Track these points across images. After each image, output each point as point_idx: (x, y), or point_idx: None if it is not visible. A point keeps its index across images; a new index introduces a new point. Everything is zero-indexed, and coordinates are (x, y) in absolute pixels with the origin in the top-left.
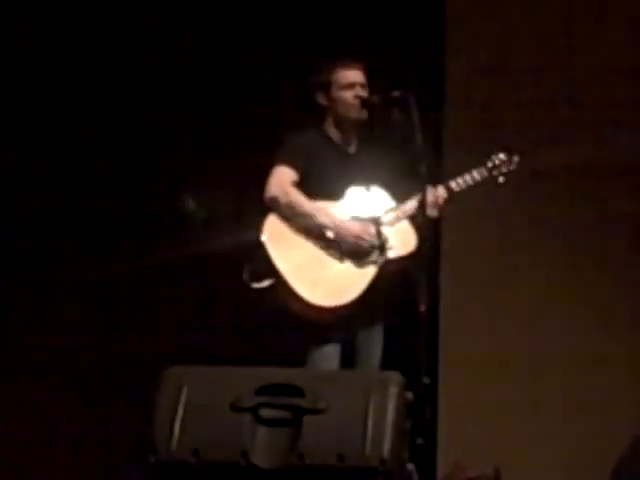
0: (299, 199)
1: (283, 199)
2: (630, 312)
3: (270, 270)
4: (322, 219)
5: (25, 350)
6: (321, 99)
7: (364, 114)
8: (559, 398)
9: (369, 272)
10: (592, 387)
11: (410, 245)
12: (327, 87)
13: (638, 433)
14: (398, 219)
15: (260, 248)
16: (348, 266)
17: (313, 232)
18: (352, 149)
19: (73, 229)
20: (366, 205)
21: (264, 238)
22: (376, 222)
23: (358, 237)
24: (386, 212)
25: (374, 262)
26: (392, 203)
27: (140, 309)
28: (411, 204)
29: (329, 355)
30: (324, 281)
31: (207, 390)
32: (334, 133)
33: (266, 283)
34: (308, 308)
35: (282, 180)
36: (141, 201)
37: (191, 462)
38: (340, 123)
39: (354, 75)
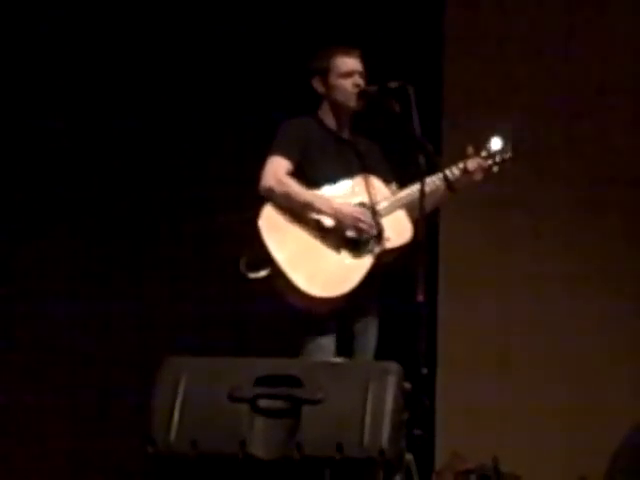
0: (295, 188)
1: (279, 189)
2: (632, 311)
3: (267, 261)
4: (320, 206)
5: (24, 346)
6: (318, 85)
7: (362, 103)
8: (558, 389)
9: (366, 263)
10: (592, 379)
11: (405, 235)
12: (325, 73)
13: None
14: (394, 208)
15: (257, 239)
16: (345, 256)
17: (311, 221)
18: (346, 134)
19: (73, 222)
20: (362, 194)
21: (261, 228)
22: (372, 211)
23: (357, 220)
24: (381, 201)
25: (371, 252)
26: (387, 192)
27: (139, 300)
28: (406, 193)
29: (324, 347)
30: (321, 272)
31: (205, 381)
32: (329, 120)
33: (263, 273)
34: (305, 299)
35: (277, 170)
36: (140, 196)
37: (189, 453)
38: (336, 110)
39: (353, 63)
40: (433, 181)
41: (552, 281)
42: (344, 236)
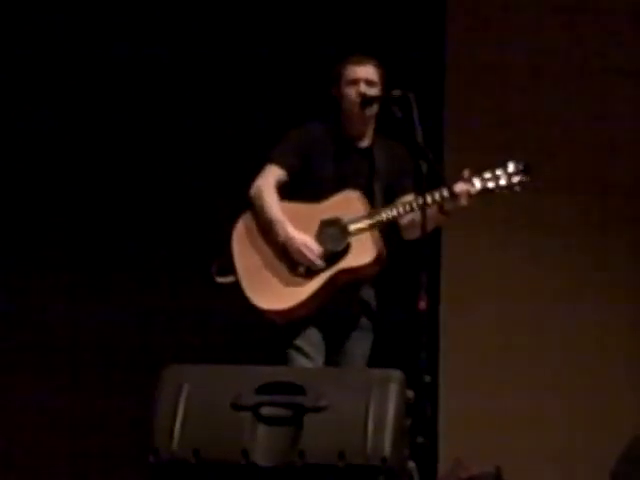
0: (268, 202)
1: (257, 200)
2: (632, 312)
3: (232, 267)
4: (277, 229)
5: (24, 349)
6: (334, 92)
7: (370, 110)
8: (560, 397)
9: (316, 282)
10: (593, 387)
11: (365, 258)
12: (338, 81)
13: (637, 433)
14: (370, 228)
15: (228, 244)
16: (298, 273)
17: (273, 239)
18: (364, 143)
19: (74, 230)
20: (341, 210)
21: (233, 235)
22: (343, 229)
23: (301, 254)
24: (356, 220)
25: (324, 272)
26: (365, 211)
27: (140, 308)
28: (385, 214)
29: (306, 352)
30: (270, 285)
31: (207, 389)
32: (345, 127)
33: (230, 279)
34: (256, 308)
35: (264, 180)
36: (141, 200)
37: (192, 461)
38: (347, 118)
39: (361, 71)
40: (432, 195)
41: (554, 289)
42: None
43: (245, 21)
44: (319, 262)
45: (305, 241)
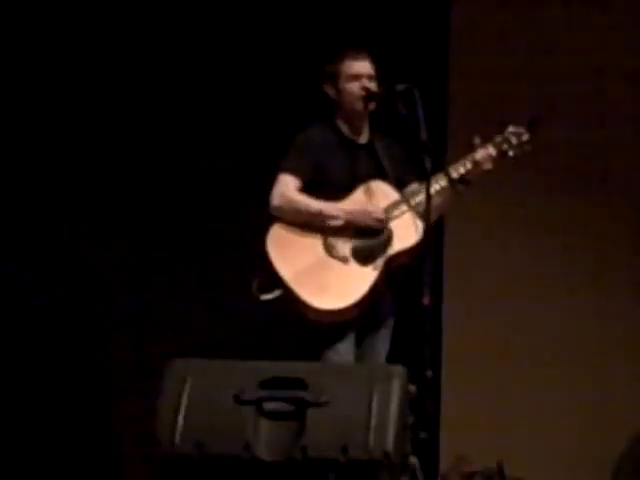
0: (303, 201)
1: (287, 206)
2: (631, 310)
3: (277, 280)
4: (330, 212)
5: (26, 349)
6: (329, 90)
7: (371, 106)
8: (560, 392)
9: (375, 269)
10: (593, 383)
11: (413, 237)
12: (335, 78)
13: (638, 430)
14: (402, 212)
15: (265, 259)
16: (353, 266)
17: (320, 233)
18: (363, 138)
19: (73, 223)
20: (369, 201)
21: (268, 248)
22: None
23: (368, 212)
24: (390, 207)
25: (379, 258)
26: (396, 195)
27: (143, 303)
28: (418, 198)
29: (343, 352)
30: (329, 284)
31: (210, 383)
32: (343, 125)
33: (276, 294)
34: (317, 313)
35: (285, 188)
36: (144, 197)
37: (194, 455)
38: (348, 115)
39: (361, 66)
40: (438, 182)
41: (554, 287)
42: (353, 245)
43: (247, 21)
44: (383, 214)
45: (364, 206)
